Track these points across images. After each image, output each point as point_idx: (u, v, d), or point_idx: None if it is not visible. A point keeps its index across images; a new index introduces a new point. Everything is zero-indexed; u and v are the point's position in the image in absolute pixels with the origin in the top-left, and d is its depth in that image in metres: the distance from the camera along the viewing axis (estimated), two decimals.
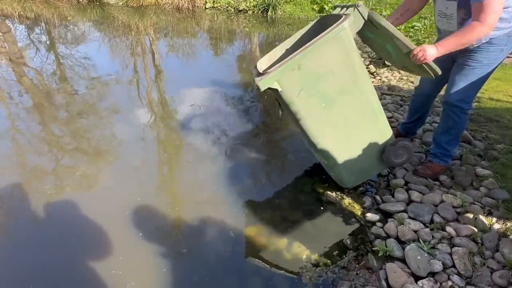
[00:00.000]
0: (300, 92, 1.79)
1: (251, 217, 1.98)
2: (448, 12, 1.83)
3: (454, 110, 1.99)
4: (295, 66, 1.71)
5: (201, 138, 2.72)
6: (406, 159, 2.01)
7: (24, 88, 3.63)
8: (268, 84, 1.72)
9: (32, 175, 2.30)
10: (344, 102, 1.83)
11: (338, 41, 1.67)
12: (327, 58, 1.72)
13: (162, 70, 4.30)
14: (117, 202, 2.06)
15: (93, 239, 1.82)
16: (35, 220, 1.94)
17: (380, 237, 1.80)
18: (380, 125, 1.94)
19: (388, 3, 6.46)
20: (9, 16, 6.72)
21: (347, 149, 1.97)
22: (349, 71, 1.76)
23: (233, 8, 7.13)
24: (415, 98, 2.45)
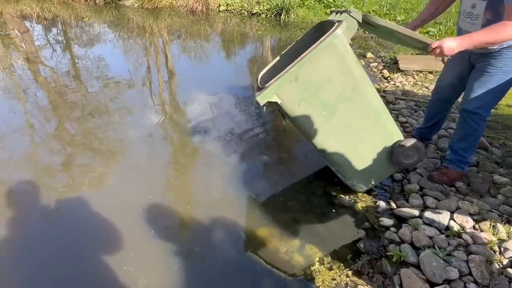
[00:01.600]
0: (300, 103, 1.79)
1: (263, 218, 1.97)
2: (475, 12, 1.78)
3: (473, 117, 1.95)
4: (292, 78, 1.71)
5: (212, 139, 2.73)
6: (416, 160, 1.96)
7: (39, 86, 3.71)
8: (266, 98, 1.74)
9: (45, 172, 2.34)
10: (346, 109, 1.82)
11: (332, 49, 1.66)
12: (323, 67, 1.71)
13: (174, 72, 4.34)
14: (129, 200, 2.08)
15: (106, 235, 1.84)
16: (48, 216, 1.98)
17: (394, 242, 1.77)
18: (387, 127, 1.91)
19: (402, 7, 6.41)
20: (28, 16, 6.88)
21: (355, 154, 1.95)
22: (347, 77, 1.75)
23: (247, 11, 7.17)
24: (432, 103, 2.41)
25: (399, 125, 2.88)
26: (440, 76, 2.30)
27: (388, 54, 4.71)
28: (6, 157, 2.47)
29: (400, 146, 1.90)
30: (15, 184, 2.20)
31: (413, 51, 4.77)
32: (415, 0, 6.90)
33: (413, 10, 6.28)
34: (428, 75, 3.95)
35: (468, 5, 1.82)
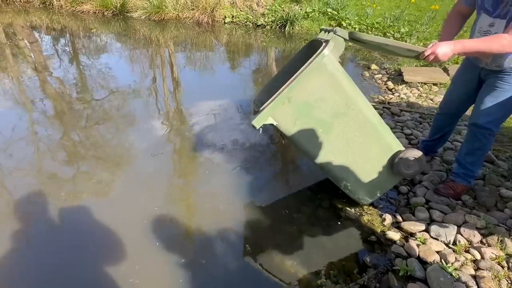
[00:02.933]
0: (296, 123, 1.83)
1: (268, 230, 1.97)
2: (493, 30, 1.77)
3: (483, 132, 1.94)
4: (285, 100, 1.75)
5: (216, 150, 2.75)
6: (418, 170, 1.95)
7: (46, 95, 3.76)
8: (261, 122, 1.77)
9: (50, 181, 2.36)
10: (341, 125, 1.84)
11: (321, 68, 1.70)
12: (314, 87, 1.74)
13: (180, 82, 4.39)
14: (134, 211, 2.09)
15: (110, 246, 1.84)
16: (52, 226, 1.98)
17: (400, 256, 1.76)
18: (385, 139, 1.92)
19: (406, 20, 6.46)
20: (37, 27, 7.02)
21: (357, 168, 1.95)
22: (339, 94, 1.77)
23: (252, 23, 7.26)
24: (438, 117, 2.40)
25: (404, 137, 2.88)
26: (448, 90, 2.30)
27: (393, 66, 4.74)
28: (12, 165, 2.49)
29: (400, 157, 1.90)
30: (20, 193, 2.22)
31: (417, 63, 4.79)
32: (419, 13, 6.96)
33: (417, 22, 6.32)
34: (433, 87, 3.96)
35: (486, 23, 1.80)
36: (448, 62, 4.52)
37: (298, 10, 7.12)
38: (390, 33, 5.94)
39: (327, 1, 7.20)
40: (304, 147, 1.91)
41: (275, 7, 7.34)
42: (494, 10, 1.75)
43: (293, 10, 7.07)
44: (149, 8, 7.47)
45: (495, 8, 1.75)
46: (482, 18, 1.84)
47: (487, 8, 1.80)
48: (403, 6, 7.06)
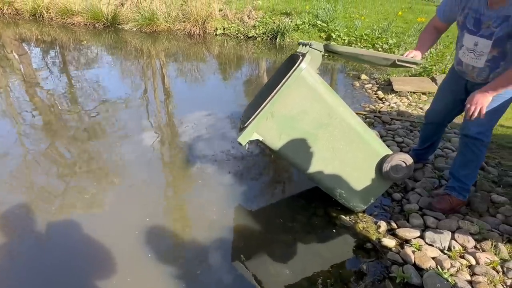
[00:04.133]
0: (281, 136, 1.86)
1: (263, 239, 1.94)
2: (478, 49, 1.80)
3: (475, 143, 1.94)
4: (268, 115, 1.79)
5: (208, 160, 2.72)
6: (407, 173, 1.95)
7: (35, 107, 3.70)
8: (247, 138, 1.80)
9: (39, 194, 2.29)
10: (326, 135, 1.86)
11: (300, 81, 1.73)
12: (295, 100, 1.77)
13: (171, 93, 4.38)
14: (126, 223, 2.04)
15: (102, 259, 1.79)
16: (42, 240, 1.92)
17: (397, 263, 1.75)
18: (371, 145, 1.92)
19: (394, 32, 6.62)
20: (26, 39, 6.97)
21: (345, 176, 1.96)
22: (320, 105, 1.80)
23: (243, 35, 7.34)
24: (425, 126, 2.43)
25: (395, 145, 2.91)
26: (434, 100, 2.33)
27: (382, 76, 4.82)
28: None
29: (388, 162, 1.90)
30: (7, 207, 2.15)
31: (406, 72, 4.89)
32: (406, 25, 7.14)
33: (404, 34, 6.48)
34: (422, 96, 4.04)
35: (470, 42, 1.84)
36: (435, 72, 4.63)
37: (289, 22, 7.24)
38: (378, 44, 6.07)
39: (317, 13, 7.35)
40: (292, 160, 1.93)
41: (266, 20, 7.45)
42: (477, 30, 1.78)
43: (284, 22, 7.19)
44: (141, 20, 7.50)
45: (477, 28, 1.78)
46: (466, 38, 1.87)
47: (469, 28, 1.83)
48: (390, 18, 7.25)
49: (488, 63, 1.80)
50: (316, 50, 1.79)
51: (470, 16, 1.81)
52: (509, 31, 1.64)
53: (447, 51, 5.30)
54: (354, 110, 3.69)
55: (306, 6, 7.90)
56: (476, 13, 1.78)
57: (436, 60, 5.03)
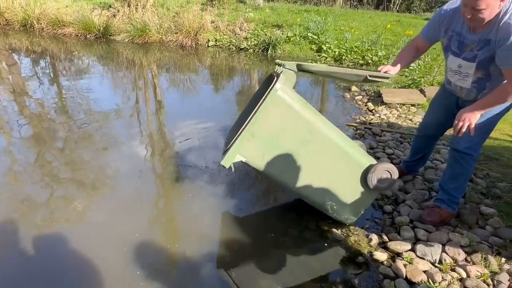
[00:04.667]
0: (264, 156, 1.88)
1: (255, 254, 1.92)
2: (463, 71, 1.84)
3: (463, 156, 1.96)
4: (249, 136, 1.82)
5: (200, 172, 2.70)
6: (392, 181, 1.94)
7: (24, 117, 3.65)
8: (230, 161, 1.83)
9: (25, 206, 2.24)
10: (308, 151, 1.88)
11: (277, 101, 1.77)
12: (274, 120, 1.81)
13: (163, 104, 4.37)
14: (114, 237, 2.00)
15: (89, 276, 1.74)
16: (26, 254, 1.86)
17: (388, 277, 1.75)
18: (353, 157, 1.92)
19: (383, 44, 6.75)
20: (17, 50, 6.91)
21: (332, 190, 1.97)
22: (299, 122, 1.83)
23: (235, 46, 7.41)
24: (417, 139, 2.46)
25: (386, 157, 2.93)
26: (426, 114, 2.37)
27: (372, 88, 4.89)
28: None
29: (371, 172, 1.90)
30: None
31: (395, 84, 4.97)
32: (394, 38, 7.30)
33: (393, 46, 6.62)
34: (411, 108, 4.10)
35: (454, 64, 1.89)
36: (424, 83, 4.72)
37: (280, 34, 7.34)
38: (368, 56, 6.18)
39: (308, 26, 7.47)
40: (278, 178, 1.96)
41: (258, 32, 7.54)
42: (461, 52, 1.83)
43: (275, 34, 7.28)
44: (133, 31, 7.52)
45: (461, 50, 1.83)
46: (450, 59, 1.92)
47: (453, 50, 1.87)
48: (379, 31, 7.41)
49: (475, 84, 1.83)
50: (289, 70, 1.84)
51: (454, 38, 1.85)
52: (491, 55, 1.68)
53: (435, 63, 5.42)
54: (345, 121, 3.77)
55: (297, 19, 8.03)
56: (459, 36, 1.82)
57: (425, 72, 5.13)
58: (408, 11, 12.25)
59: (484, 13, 1.58)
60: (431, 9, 11.99)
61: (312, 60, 6.53)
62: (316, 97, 4.79)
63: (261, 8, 9.27)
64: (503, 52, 1.60)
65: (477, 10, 1.58)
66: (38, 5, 8.25)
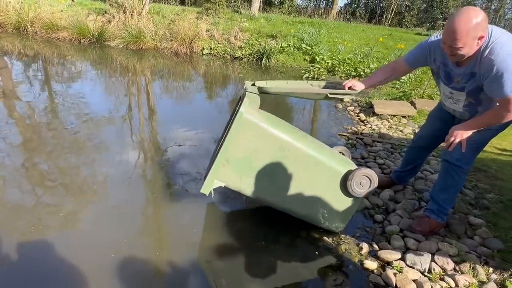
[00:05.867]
0: (242, 179, 1.93)
1: (245, 262, 1.91)
2: (455, 97, 1.90)
3: (455, 168, 1.98)
4: (223, 161, 1.88)
5: (190, 180, 2.68)
6: (371, 187, 1.93)
7: (13, 122, 3.59)
8: (209, 188, 1.90)
9: (11, 212, 2.18)
10: (284, 167, 1.91)
11: (244, 124, 1.82)
12: (244, 142, 1.85)
13: (155, 111, 4.35)
14: (102, 244, 1.96)
15: (76, 282, 1.70)
16: (11, 261, 1.80)
17: (378, 286, 1.75)
18: (330, 166, 1.93)
19: (375, 56, 6.89)
20: (8, 53, 6.85)
21: (315, 201, 1.99)
22: (269, 141, 1.86)
23: (229, 55, 7.47)
24: (411, 150, 2.49)
25: (377, 167, 2.96)
26: (423, 126, 2.41)
27: (364, 99, 4.97)
28: None
29: (350, 179, 1.90)
30: None
31: (386, 96, 5.05)
32: (386, 51, 7.45)
33: (385, 59, 6.76)
34: (402, 119, 4.17)
35: (446, 91, 1.95)
36: (414, 96, 4.81)
37: (274, 44, 7.43)
38: (360, 68, 6.29)
39: (302, 37, 7.59)
40: (260, 198, 1.99)
41: (252, 41, 7.63)
42: (449, 82, 1.89)
43: (270, 44, 7.37)
44: (127, 37, 7.54)
45: (449, 81, 1.89)
46: (442, 86, 1.98)
47: (442, 79, 1.94)
48: (371, 44, 7.57)
49: (466, 108, 1.89)
50: (251, 93, 1.88)
51: (442, 69, 1.90)
52: (478, 85, 1.73)
53: (425, 76, 5.55)
54: (337, 131, 3.80)
55: (291, 30, 8.16)
56: (446, 67, 1.87)
57: (415, 85, 5.24)
58: (400, 25, 12.55)
59: (462, 50, 1.62)
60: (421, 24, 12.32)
61: (305, 70, 6.61)
62: (308, 107, 4.84)
63: (256, 18, 9.40)
64: (489, 84, 1.65)
65: (454, 48, 1.63)
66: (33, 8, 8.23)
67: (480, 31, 1.57)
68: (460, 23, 1.56)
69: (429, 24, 15.89)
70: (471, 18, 1.54)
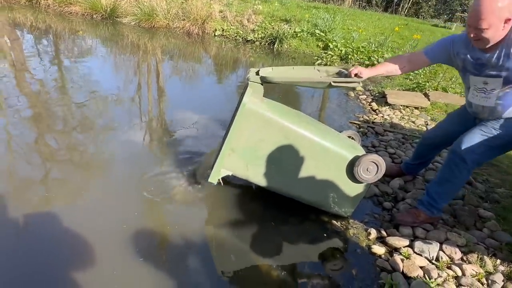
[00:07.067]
0: (248, 167, 1.96)
1: (254, 240, 1.94)
2: (489, 88, 1.79)
3: (457, 161, 1.85)
4: (229, 151, 1.90)
5: (196, 161, 2.66)
6: (379, 173, 1.90)
7: (23, 95, 3.59)
8: (216, 176, 1.94)
9: (19, 183, 2.21)
10: (290, 155, 1.92)
11: (248, 114, 1.82)
12: (249, 132, 1.86)
13: (164, 91, 4.32)
14: (112, 216, 1.99)
15: (87, 251, 1.73)
16: (21, 230, 1.84)
17: (385, 270, 1.77)
18: (336, 152, 1.91)
19: (390, 46, 6.75)
20: (20, 25, 6.83)
21: (323, 187, 1.99)
22: (274, 130, 1.86)
23: (241, 37, 7.38)
24: (423, 147, 2.42)
25: (388, 156, 2.95)
26: (439, 125, 2.35)
27: (376, 88, 4.90)
28: None
29: (356, 165, 1.88)
30: None
31: (399, 86, 4.98)
32: (401, 41, 7.30)
33: (399, 49, 6.62)
34: (414, 111, 4.11)
35: (479, 82, 1.82)
36: (428, 88, 4.74)
37: (287, 29, 7.31)
38: (374, 57, 6.18)
39: (316, 22, 7.45)
40: (267, 185, 2.01)
41: (265, 24, 7.51)
42: (482, 71, 1.78)
43: (283, 28, 7.25)
44: (140, 14, 7.46)
45: (480, 70, 1.78)
46: (472, 79, 1.86)
47: (471, 71, 1.83)
48: (387, 33, 7.41)
49: (500, 101, 1.77)
50: (254, 82, 1.86)
51: (468, 61, 1.82)
52: None
53: (440, 69, 5.44)
54: (348, 119, 3.77)
55: (305, 15, 8.01)
56: (473, 58, 1.79)
57: (429, 77, 5.15)
58: (416, 15, 12.26)
59: (487, 32, 1.58)
60: (438, 15, 12.01)
61: (318, 57, 6.52)
62: (318, 95, 4.79)
63: (270, 1, 9.23)
64: None
65: (479, 29, 1.58)
66: None
67: (506, 13, 1.52)
68: (485, 2, 1.52)
69: (447, 16, 15.52)
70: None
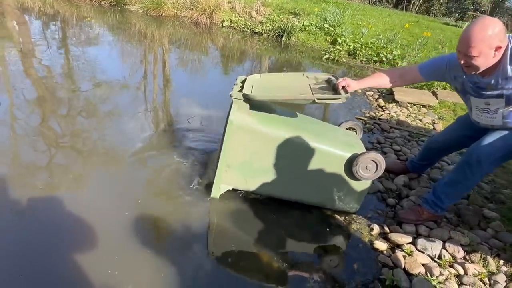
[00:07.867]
0: (247, 180, 1.97)
1: (256, 232, 1.93)
2: (492, 108, 1.76)
3: (473, 163, 1.79)
4: (225, 167, 1.91)
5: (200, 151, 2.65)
6: (378, 171, 1.88)
7: (29, 80, 3.59)
8: (217, 192, 1.98)
9: (24, 168, 2.21)
10: (286, 162, 1.91)
11: (237, 130, 1.82)
12: (241, 147, 1.86)
13: (170, 81, 4.30)
14: (115, 202, 1.99)
15: (88, 236, 1.74)
16: (25, 214, 1.84)
17: (387, 266, 1.76)
18: (334, 152, 1.89)
19: (399, 43, 6.67)
20: (28, 9, 6.83)
21: (325, 188, 2.00)
22: (267, 140, 1.85)
23: (249, 29, 7.32)
24: (431, 147, 2.38)
25: (393, 153, 2.92)
26: (449, 129, 2.31)
27: None
28: None
29: (355, 164, 1.86)
30: None
31: None
32: (411, 38, 7.21)
33: (409, 47, 6.53)
34: (422, 109, 4.07)
35: (480, 103, 1.80)
36: (437, 86, 4.68)
37: (296, 22, 7.24)
38: (383, 54, 6.11)
39: (325, 17, 7.37)
40: (271, 194, 2.03)
41: (274, 17, 7.44)
42: (482, 94, 1.75)
43: (291, 21, 7.19)
44: (148, 3, 7.42)
45: (480, 93, 1.75)
46: (473, 101, 1.84)
47: (472, 93, 1.80)
48: (396, 30, 7.31)
49: (508, 120, 1.75)
50: (237, 99, 1.84)
51: (467, 84, 1.80)
52: None
53: None
54: (354, 115, 3.73)
55: (315, 8, 7.92)
56: (471, 82, 1.77)
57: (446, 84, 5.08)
58: (427, 13, 12.09)
59: (477, 60, 1.56)
60: (450, 14, 11.83)
61: (326, 51, 6.45)
62: None
63: None
64: None
65: (469, 56, 1.57)
66: None
67: (496, 41, 1.52)
68: (475, 31, 1.52)
69: (458, 15, 15.28)
70: (486, 26, 1.50)
